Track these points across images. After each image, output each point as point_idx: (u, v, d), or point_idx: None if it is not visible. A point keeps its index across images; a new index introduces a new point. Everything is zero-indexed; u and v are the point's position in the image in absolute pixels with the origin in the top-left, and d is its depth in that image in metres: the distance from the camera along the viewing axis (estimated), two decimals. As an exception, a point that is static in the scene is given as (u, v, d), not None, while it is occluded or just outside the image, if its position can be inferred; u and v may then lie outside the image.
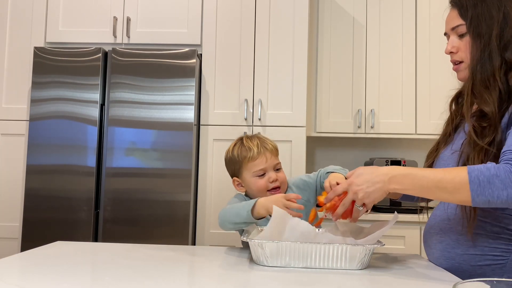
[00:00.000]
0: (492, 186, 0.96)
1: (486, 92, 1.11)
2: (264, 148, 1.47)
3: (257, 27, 2.63)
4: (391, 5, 2.94)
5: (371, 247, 1.09)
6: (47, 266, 1.06)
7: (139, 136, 2.46)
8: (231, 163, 1.54)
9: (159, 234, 2.40)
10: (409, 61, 2.91)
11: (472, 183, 0.97)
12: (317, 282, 0.98)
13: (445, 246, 1.16)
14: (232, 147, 1.53)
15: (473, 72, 1.14)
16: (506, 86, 1.09)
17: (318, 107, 2.94)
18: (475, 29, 1.14)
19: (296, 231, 1.13)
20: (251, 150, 1.46)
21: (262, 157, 1.46)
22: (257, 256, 1.12)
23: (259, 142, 1.48)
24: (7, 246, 2.52)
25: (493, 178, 0.97)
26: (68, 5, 2.68)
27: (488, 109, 1.09)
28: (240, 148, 1.50)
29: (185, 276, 1.05)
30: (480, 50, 1.13)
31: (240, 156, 1.49)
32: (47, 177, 2.45)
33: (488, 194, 0.97)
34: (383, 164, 2.83)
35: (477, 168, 0.99)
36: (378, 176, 1.08)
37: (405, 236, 2.55)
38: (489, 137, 1.07)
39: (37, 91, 2.49)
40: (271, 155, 1.47)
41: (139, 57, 2.48)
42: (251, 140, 1.50)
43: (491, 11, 1.13)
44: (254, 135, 1.55)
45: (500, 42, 1.11)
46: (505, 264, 1.08)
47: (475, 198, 0.98)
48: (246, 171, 1.49)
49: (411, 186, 1.05)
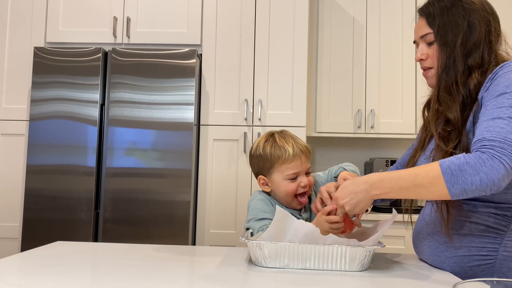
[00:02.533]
0: (465, 173, 0.98)
1: (450, 99, 1.15)
2: (299, 150, 1.36)
3: (257, 27, 2.63)
4: (391, 5, 2.94)
5: (371, 249, 1.08)
6: (47, 266, 1.06)
7: (139, 136, 2.46)
8: (260, 161, 1.39)
9: (159, 234, 2.40)
10: (409, 61, 2.91)
11: (445, 174, 0.99)
12: (316, 283, 0.98)
13: (434, 250, 1.17)
14: (263, 144, 1.39)
15: (439, 79, 1.18)
16: (467, 91, 1.13)
17: (318, 107, 2.94)
18: (442, 37, 1.18)
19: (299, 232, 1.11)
20: (286, 151, 1.35)
21: (297, 161, 1.35)
22: (256, 257, 1.11)
23: (294, 143, 1.37)
24: (7, 246, 2.52)
25: (464, 165, 0.98)
26: (68, 5, 2.68)
27: (451, 115, 1.13)
28: (273, 147, 1.37)
29: (184, 277, 1.05)
30: (446, 57, 1.17)
31: (273, 155, 1.36)
32: (47, 177, 2.45)
33: (462, 182, 0.98)
34: (383, 164, 2.83)
35: (448, 159, 1.02)
36: (359, 186, 1.11)
37: (405, 236, 2.55)
38: (453, 141, 1.11)
39: (37, 91, 2.49)
40: (305, 159, 1.37)
41: (139, 57, 2.48)
42: (284, 139, 1.38)
43: (457, 20, 1.17)
44: (284, 132, 1.42)
45: (464, 49, 1.15)
46: (493, 264, 1.08)
47: (451, 188, 0.99)
48: (277, 173, 1.37)
49: (390, 189, 1.07)
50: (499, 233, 1.09)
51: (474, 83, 1.13)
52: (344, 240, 1.11)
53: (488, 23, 1.17)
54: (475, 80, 1.13)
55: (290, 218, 1.13)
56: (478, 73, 1.13)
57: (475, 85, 1.13)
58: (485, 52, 1.15)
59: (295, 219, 1.13)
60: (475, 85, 1.13)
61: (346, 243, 1.09)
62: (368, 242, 1.11)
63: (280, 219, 1.12)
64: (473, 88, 1.13)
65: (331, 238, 1.11)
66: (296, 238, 1.11)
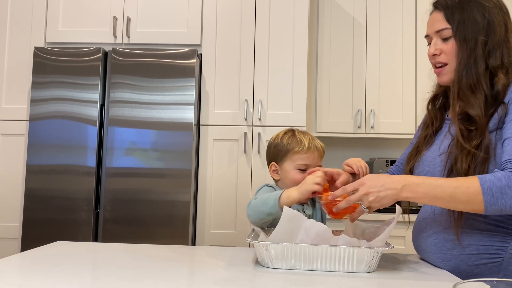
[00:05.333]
0: (505, 196, 1.00)
1: (472, 96, 1.13)
2: (314, 146, 1.47)
3: (257, 27, 2.63)
4: (391, 5, 2.94)
5: (379, 250, 1.06)
6: (47, 266, 1.06)
7: (139, 136, 2.46)
8: (276, 149, 1.51)
9: (159, 234, 2.40)
10: (409, 61, 2.91)
11: (486, 194, 1.01)
12: (323, 285, 0.97)
13: (439, 248, 1.16)
14: (282, 135, 1.51)
15: (459, 76, 1.15)
16: (491, 91, 1.12)
17: (318, 107, 2.94)
18: (461, 34, 1.16)
19: (311, 232, 1.09)
20: (302, 143, 1.45)
21: (310, 154, 1.45)
22: (262, 257, 1.10)
23: (311, 139, 1.48)
24: (7, 246, 2.51)
25: (505, 188, 1.00)
26: (68, 5, 2.68)
27: (474, 112, 1.11)
28: (291, 138, 1.48)
29: (186, 277, 1.05)
30: (467, 55, 1.15)
31: (289, 145, 1.47)
32: (47, 177, 2.45)
33: (501, 204, 1.01)
34: (383, 164, 2.83)
35: (489, 179, 1.02)
36: (391, 183, 1.09)
37: (405, 236, 2.55)
38: (476, 140, 1.10)
39: (37, 91, 2.49)
40: (318, 156, 1.48)
41: (139, 57, 2.48)
42: (304, 134, 1.49)
43: (475, 17, 1.15)
44: (305, 131, 1.54)
45: (485, 48, 1.14)
46: (501, 262, 1.08)
47: (488, 208, 1.01)
48: (289, 161, 1.47)
49: (424, 195, 1.07)
50: (509, 232, 1.09)
51: (502, 83, 1.11)
52: (355, 241, 1.09)
53: (506, 22, 1.16)
54: (503, 81, 1.12)
55: (300, 217, 1.11)
56: (502, 73, 1.12)
57: (503, 85, 1.11)
58: (505, 53, 1.14)
59: (306, 218, 1.12)
60: (503, 85, 1.11)
61: (357, 244, 1.07)
62: (375, 243, 1.10)
63: (289, 218, 1.10)
64: (501, 89, 1.11)
65: (343, 238, 1.09)
66: (308, 239, 1.09)
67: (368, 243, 1.11)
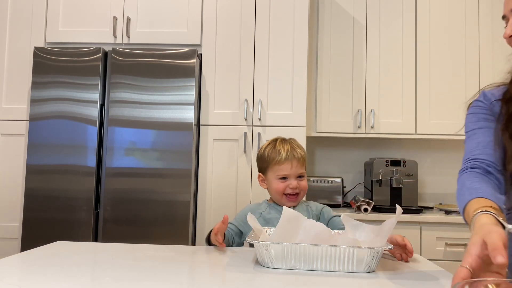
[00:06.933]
0: None
1: None
2: (292, 155, 1.54)
3: (257, 27, 2.63)
4: (391, 5, 2.94)
5: (379, 250, 1.06)
6: (47, 266, 1.06)
7: (139, 136, 2.46)
8: (260, 160, 1.64)
9: (159, 234, 2.40)
10: (409, 61, 2.91)
11: None
12: (323, 285, 0.97)
13: None
14: (266, 146, 1.62)
15: None
16: None
17: (318, 107, 2.93)
18: None
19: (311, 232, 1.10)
20: (280, 154, 1.55)
21: (288, 164, 1.54)
22: (262, 258, 1.10)
23: (290, 148, 1.56)
24: (7, 246, 2.52)
25: None
26: (68, 5, 2.68)
27: None
28: (271, 149, 1.58)
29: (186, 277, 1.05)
30: None
31: (269, 157, 1.58)
32: (47, 177, 2.45)
33: None
34: (383, 164, 2.83)
35: None
36: None
37: (405, 236, 2.54)
38: None
39: (37, 91, 2.49)
40: (297, 164, 1.55)
41: (139, 57, 2.48)
42: (283, 144, 1.58)
43: None
44: (288, 139, 1.62)
45: None
46: None
47: None
48: (271, 172, 1.58)
49: None
50: None
51: None
52: (355, 242, 1.09)
53: None
54: None
55: (300, 218, 1.12)
56: None
57: None
58: None
59: (305, 219, 1.13)
60: None
61: (357, 244, 1.07)
62: (375, 243, 1.09)
63: (289, 219, 1.11)
64: None
65: (343, 238, 1.09)
66: (308, 239, 1.09)
67: (368, 243, 1.10)
